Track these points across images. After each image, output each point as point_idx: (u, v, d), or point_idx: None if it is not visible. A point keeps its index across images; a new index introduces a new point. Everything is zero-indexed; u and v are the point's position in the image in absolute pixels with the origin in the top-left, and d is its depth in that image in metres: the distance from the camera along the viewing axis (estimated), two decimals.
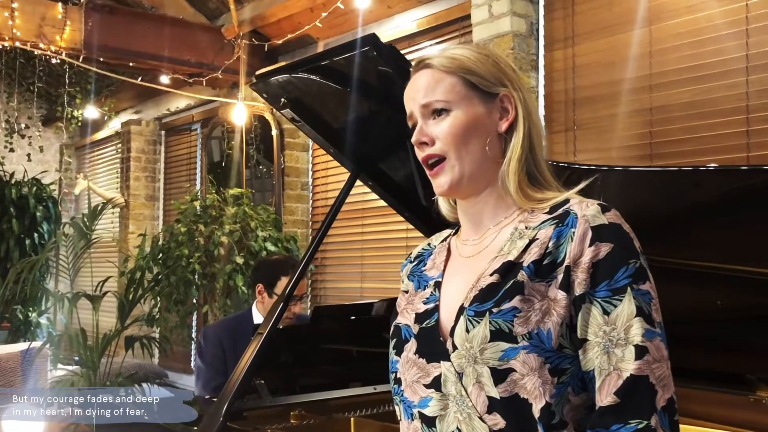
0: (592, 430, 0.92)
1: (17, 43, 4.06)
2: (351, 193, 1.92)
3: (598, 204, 0.99)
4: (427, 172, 1.08)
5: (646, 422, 0.89)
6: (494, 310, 0.96)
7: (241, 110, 4.51)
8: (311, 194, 4.68)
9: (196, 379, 2.76)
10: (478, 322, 0.96)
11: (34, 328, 6.33)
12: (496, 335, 0.94)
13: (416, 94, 1.07)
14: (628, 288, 0.93)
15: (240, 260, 3.93)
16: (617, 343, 0.92)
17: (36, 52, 4.28)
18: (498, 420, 0.94)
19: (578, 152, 3.10)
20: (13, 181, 6.91)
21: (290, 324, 2.78)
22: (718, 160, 2.62)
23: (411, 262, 1.19)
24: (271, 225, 4.21)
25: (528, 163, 1.05)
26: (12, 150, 6.31)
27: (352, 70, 1.59)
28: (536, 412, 0.93)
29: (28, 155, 6.83)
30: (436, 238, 1.19)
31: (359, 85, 1.62)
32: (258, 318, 2.82)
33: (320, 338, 2.23)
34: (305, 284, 2.85)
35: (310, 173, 4.72)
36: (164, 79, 4.88)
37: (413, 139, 1.08)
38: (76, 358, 4.06)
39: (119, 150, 6.72)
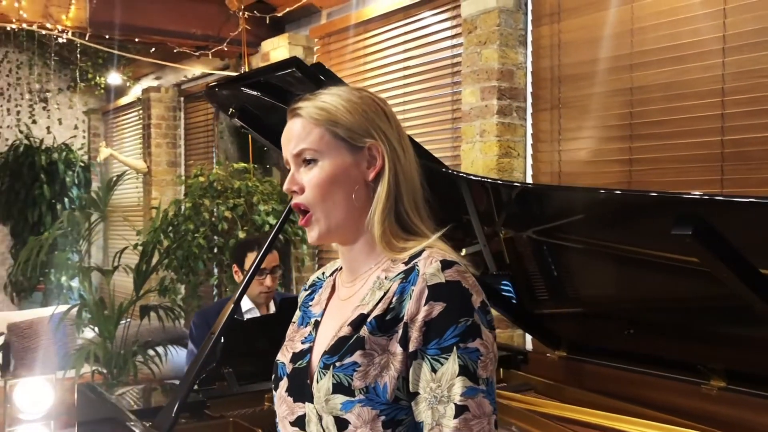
0: None
1: (24, 25, 4.16)
2: None
3: (441, 261, 1.03)
4: (299, 220, 1.13)
5: None
6: (337, 364, 1.03)
7: None
8: None
9: (186, 360, 2.91)
10: (324, 375, 1.04)
11: (66, 292, 6.63)
12: (337, 388, 1.02)
13: (289, 142, 1.12)
14: (455, 347, 0.98)
15: (242, 234, 4.04)
16: (440, 399, 0.98)
17: (44, 32, 4.38)
18: None
19: (563, 131, 3.08)
20: (42, 148, 7.14)
21: (269, 298, 2.90)
22: (694, 144, 2.59)
23: (305, 290, 1.26)
24: (275, 199, 4.30)
25: (398, 210, 1.09)
26: (35, 122, 6.50)
27: (284, 87, 1.64)
28: None
29: (60, 120, 7.04)
30: (330, 268, 1.25)
31: (292, 99, 1.67)
32: (243, 299, 2.94)
33: (287, 327, 2.32)
34: (276, 258, 2.92)
35: None
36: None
37: (285, 187, 1.13)
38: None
39: (141, 116, 6.86)
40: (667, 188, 2.64)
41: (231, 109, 1.86)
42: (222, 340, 1.95)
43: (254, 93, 1.73)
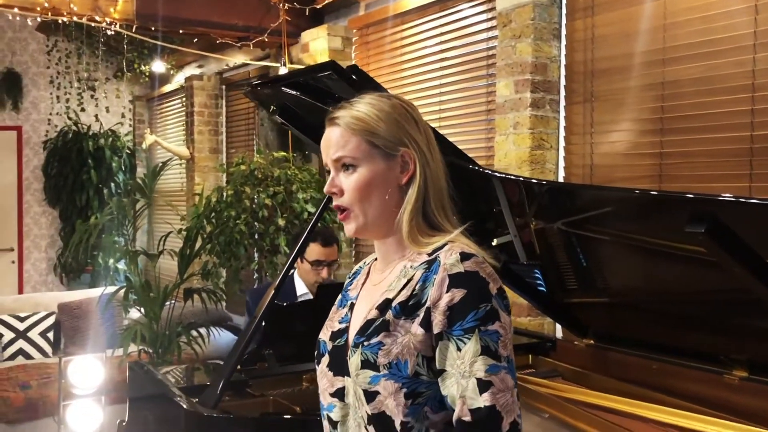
0: None
1: (75, 18, 4.33)
2: None
3: (460, 253, 1.15)
4: (338, 215, 1.25)
5: None
6: (365, 343, 1.16)
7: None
8: None
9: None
10: (355, 353, 1.17)
11: (113, 274, 6.88)
12: (365, 364, 1.15)
13: (329, 149, 1.24)
14: (476, 329, 1.10)
15: (282, 222, 4.17)
16: (464, 375, 1.10)
17: (93, 25, 4.55)
18: (373, 431, 1.15)
19: (595, 124, 3.13)
20: (90, 134, 7.38)
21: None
22: (724, 138, 2.62)
23: (349, 277, 1.39)
24: (313, 187, 4.42)
25: (425, 210, 1.21)
26: (83, 109, 6.71)
27: (322, 87, 1.74)
28: (397, 426, 1.13)
29: (107, 108, 7.27)
30: (370, 258, 1.38)
31: (330, 98, 1.77)
32: (299, 283, 3.09)
33: (326, 311, 2.44)
34: (335, 252, 3.07)
35: None
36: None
37: (325, 189, 1.25)
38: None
39: (184, 104, 7.04)
40: (697, 182, 2.68)
41: (272, 107, 1.97)
42: (262, 324, 2.08)
43: (294, 92, 1.83)
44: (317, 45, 4.82)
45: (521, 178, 2.14)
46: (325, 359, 1.26)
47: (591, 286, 2.37)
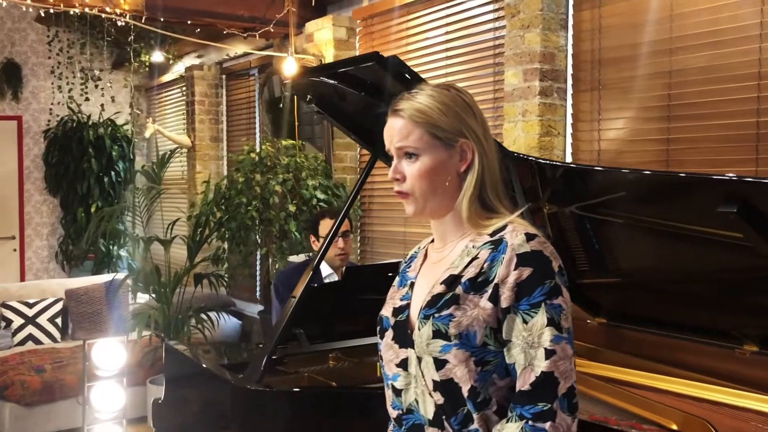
0: (512, 406, 1.22)
1: (86, 9, 4.37)
2: None
3: (525, 233, 1.25)
4: (399, 197, 1.35)
5: (549, 405, 1.18)
6: (436, 315, 1.25)
7: (291, 63, 4.75)
8: None
9: (273, 315, 3.17)
10: (425, 324, 1.26)
11: (115, 260, 6.94)
12: (436, 334, 1.24)
13: (392, 137, 1.33)
14: (543, 304, 1.20)
15: (292, 208, 4.26)
16: (532, 345, 1.20)
17: (103, 15, 4.60)
18: (439, 397, 1.25)
19: (603, 111, 3.24)
20: (90, 123, 7.42)
21: (344, 261, 3.14)
22: (730, 125, 2.74)
23: (405, 262, 1.49)
24: (321, 173, 4.51)
25: (482, 195, 1.31)
26: (87, 99, 6.74)
27: (361, 78, 1.83)
28: (465, 392, 1.23)
29: (113, 98, 7.30)
30: (424, 242, 1.48)
31: (368, 88, 1.87)
32: (323, 264, 3.19)
33: (352, 293, 2.54)
34: (346, 223, 3.16)
35: None
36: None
37: (389, 176, 1.34)
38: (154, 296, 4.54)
39: (184, 93, 7.08)
40: (703, 167, 2.79)
41: (309, 96, 2.06)
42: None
43: (332, 82, 1.92)
44: (321, 35, 4.90)
45: (539, 160, 2.22)
46: (389, 333, 1.36)
47: (604, 266, 2.45)
